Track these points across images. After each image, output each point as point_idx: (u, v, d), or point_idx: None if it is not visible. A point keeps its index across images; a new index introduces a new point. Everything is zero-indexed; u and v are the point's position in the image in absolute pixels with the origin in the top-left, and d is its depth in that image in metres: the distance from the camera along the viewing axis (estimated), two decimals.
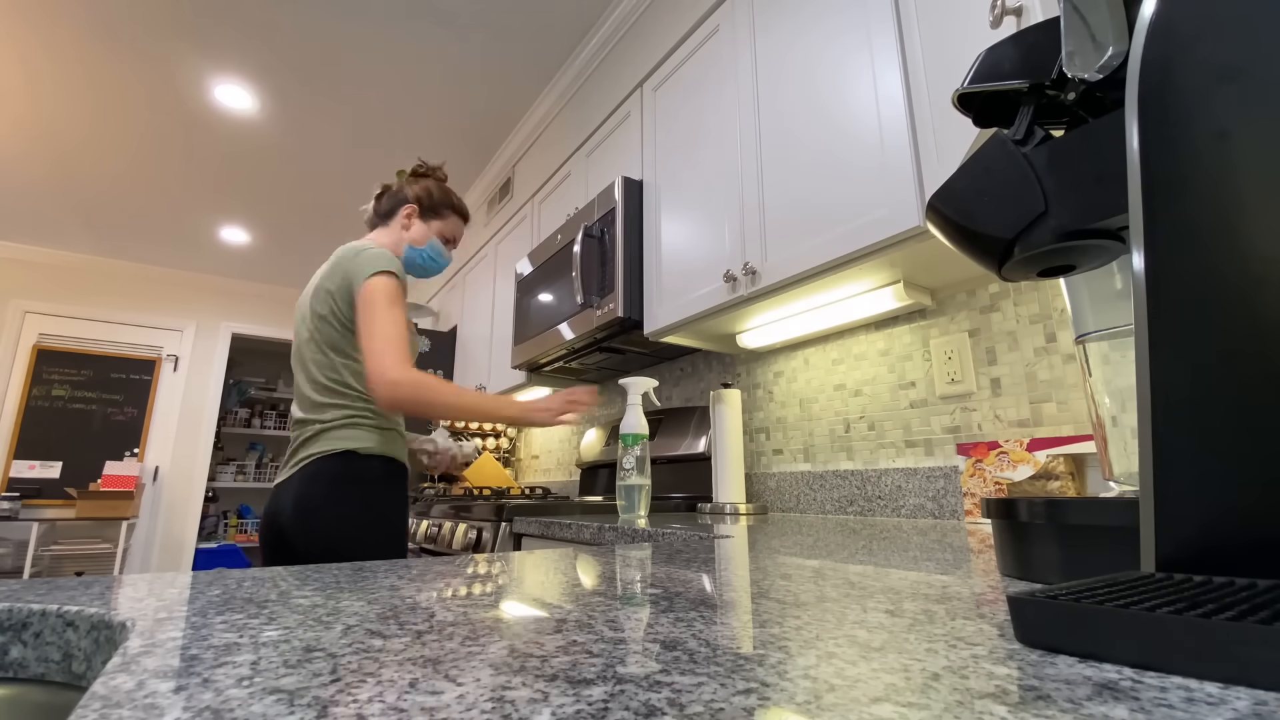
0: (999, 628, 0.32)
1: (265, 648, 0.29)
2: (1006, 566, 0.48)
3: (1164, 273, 0.31)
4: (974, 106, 0.50)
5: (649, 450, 1.37)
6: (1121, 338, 0.47)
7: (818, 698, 0.22)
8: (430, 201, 1.38)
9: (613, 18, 2.12)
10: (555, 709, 0.21)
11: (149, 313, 4.55)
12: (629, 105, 1.96)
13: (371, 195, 1.42)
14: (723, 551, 0.70)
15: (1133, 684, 0.22)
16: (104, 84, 2.54)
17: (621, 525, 1.10)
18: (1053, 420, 1.11)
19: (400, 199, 1.37)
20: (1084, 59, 0.41)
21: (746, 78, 1.45)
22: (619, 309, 1.68)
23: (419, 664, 0.26)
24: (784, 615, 0.36)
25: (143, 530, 4.25)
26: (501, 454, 3.10)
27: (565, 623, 0.34)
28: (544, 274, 2.13)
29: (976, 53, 0.53)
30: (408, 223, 1.36)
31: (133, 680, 0.24)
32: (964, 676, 0.24)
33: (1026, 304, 1.18)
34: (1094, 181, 0.40)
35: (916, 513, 1.29)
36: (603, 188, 1.94)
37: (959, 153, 0.95)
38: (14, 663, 0.38)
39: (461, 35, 2.28)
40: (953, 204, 0.47)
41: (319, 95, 2.61)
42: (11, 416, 4.00)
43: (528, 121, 2.74)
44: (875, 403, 1.43)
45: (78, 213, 3.71)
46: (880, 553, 0.67)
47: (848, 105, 1.18)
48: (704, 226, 1.53)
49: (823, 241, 1.18)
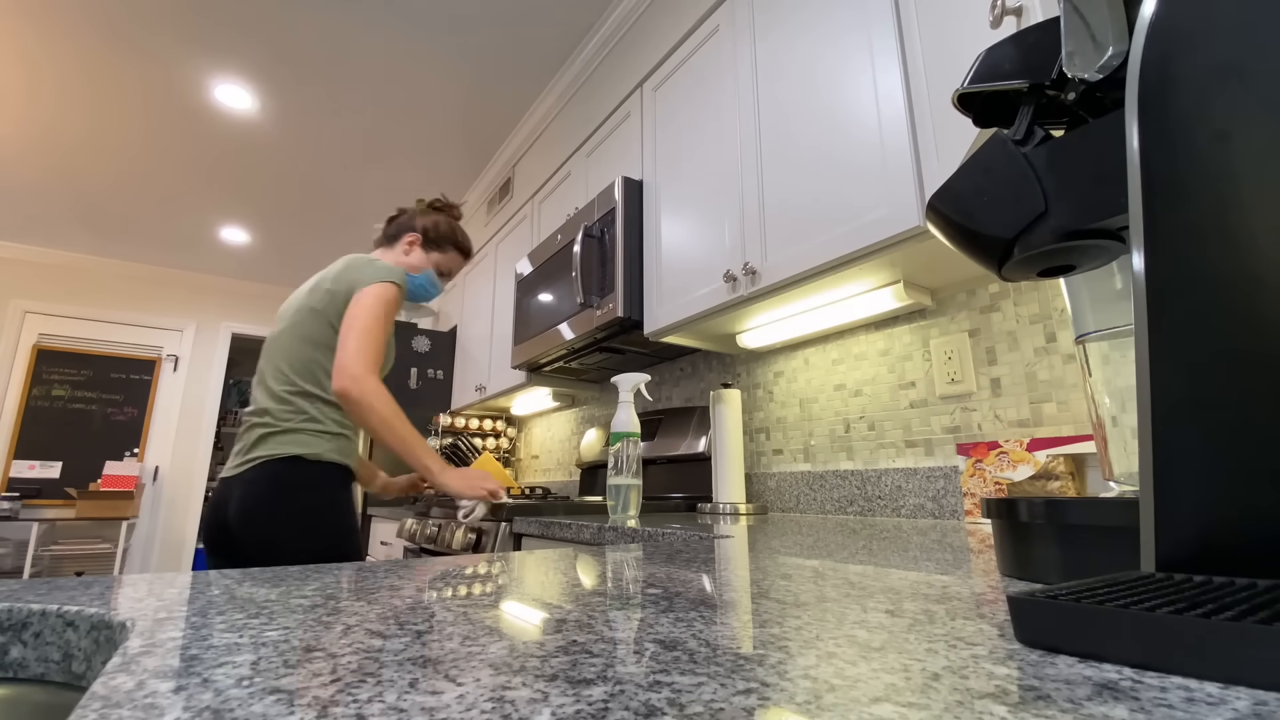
0: (999, 628, 0.32)
1: (265, 648, 0.29)
2: (1006, 566, 0.48)
3: (1164, 273, 0.31)
4: (974, 106, 0.50)
5: (640, 449, 1.36)
6: (1121, 338, 0.47)
7: (818, 698, 0.22)
8: (435, 234, 1.45)
9: (613, 18, 2.12)
10: (555, 709, 0.21)
11: (149, 313, 4.55)
12: (629, 105, 1.96)
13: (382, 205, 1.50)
14: (722, 551, 0.70)
15: (1133, 684, 0.22)
16: (104, 84, 2.54)
17: (613, 525, 1.10)
18: (1053, 420, 1.11)
19: (407, 226, 1.44)
20: (1084, 59, 0.41)
21: (746, 78, 1.45)
22: (619, 309, 1.68)
23: (419, 664, 0.26)
24: (784, 615, 0.36)
25: (143, 530, 4.25)
26: (501, 454, 3.10)
27: (565, 623, 0.34)
28: (544, 274, 2.13)
29: (976, 53, 0.53)
30: (409, 249, 1.43)
31: (133, 680, 0.24)
32: (964, 676, 0.24)
33: (1026, 304, 1.18)
34: (1094, 181, 0.40)
35: (916, 513, 1.28)
36: (603, 188, 1.94)
37: (959, 153, 0.95)
38: (14, 663, 0.38)
39: (462, 35, 2.28)
40: (953, 204, 0.47)
41: (319, 95, 2.61)
42: (11, 416, 4.00)
43: (528, 121, 2.74)
44: (875, 403, 1.43)
45: (77, 213, 3.71)
46: (880, 553, 0.67)
47: (848, 105, 1.18)
48: (704, 226, 1.53)
49: (823, 241, 1.18)
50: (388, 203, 3.55)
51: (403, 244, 1.42)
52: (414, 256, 1.42)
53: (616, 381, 1.40)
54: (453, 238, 1.47)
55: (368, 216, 3.74)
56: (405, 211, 1.47)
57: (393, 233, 1.44)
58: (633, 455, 1.33)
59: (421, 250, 1.43)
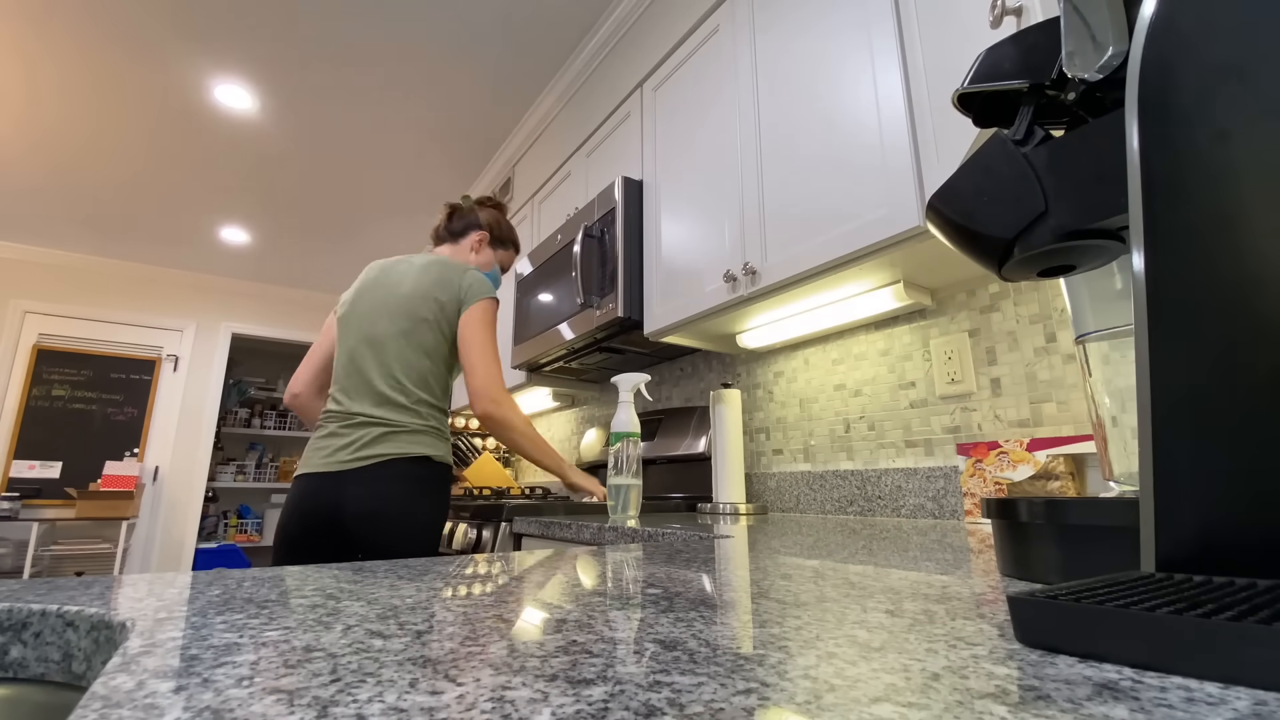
0: (999, 628, 0.32)
1: (265, 648, 0.29)
2: (1006, 566, 0.48)
3: (1164, 273, 0.31)
4: (974, 106, 0.50)
5: (640, 449, 1.36)
6: (1121, 338, 0.47)
7: (818, 698, 0.22)
8: (499, 232, 1.49)
9: (613, 18, 2.12)
10: (555, 709, 0.21)
11: (149, 313, 4.55)
12: (629, 105, 1.96)
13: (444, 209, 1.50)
14: (722, 551, 0.70)
15: (1133, 684, 0.22)
16: (105, 84, 2.54)
17: (613, 525, 1.10)
18: (1053, 420, 1.11)
19: (473, 223, 1.46)
20: (1084, 59, 0.41)
21: (746, 78, 1.45)
22: (619, 309, 1.68)
23: (419, 664, 0.26)
24: (784, 615, 0.36)
25: (143, 530, 4.25)
26: (501, 454, 3.10)
27: (565, 623, 0.34)
28: (544, 274, 2.13)
29: (976, 53, 0.53)
30: (478, 247, 1.45)
31: (133, 680, 0.24)
32: (964, 676, 0.24)
33: (1026, 304, 1.18)
34: (1094, 181, 0.40)
35: (916, 513, 1.28)
36: (603, 188, 1.94)
37: (959, 153, 0.95)
38: (14, 663, 0.38)
39: (462, 35, 2.28)
40: (953, 204, 0.47)
41: (319, 95, 2.61)
42: (11, 416, 4.00)
43: (528, 121, 2.74)
44: (875, 403, 1.43)
45: (78, 213, 3.71)
46: (880, 553, 0.67)
47: (848, 105, 1.18)
48: (704, 226, 1.53)
49: (823, 241, 1.18)
50: (388, 203, 3.56)
51: (471, 240, 1.44)
52: (484, 255, 1.45)
53: (616, 381, 1.40)
54: (512, 235, 1.53)
55: (368, 216, 3.74)
56: (460, 207, 1.47)
57: (457, 229, 1.45)
58: (633, 455, 1.33)
59: (489, 249, 1.47)
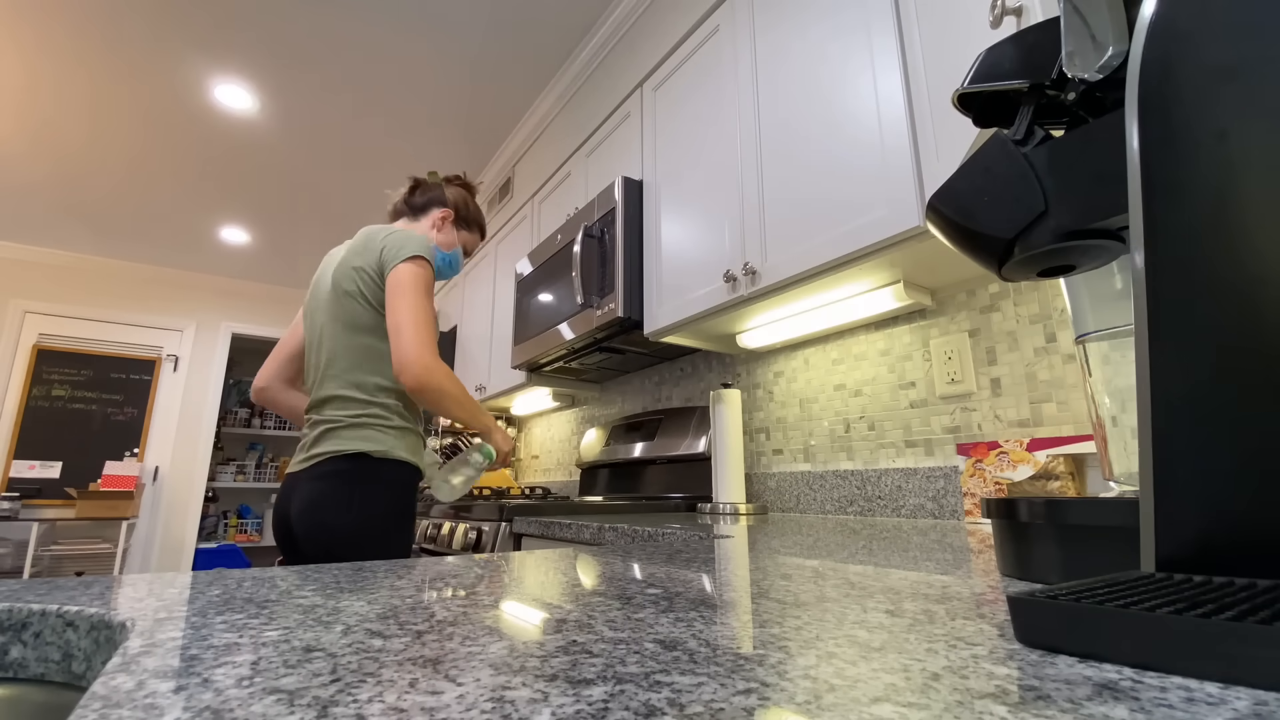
0: (999, 628, 0.32)
1: (265, 648, 0.29)
2: (1006, 566, 0.48)
3: (1164, 273, 0.31)
4: (974, 106, 0.49)
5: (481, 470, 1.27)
6: (1121, 338, 0.47)
7: (818, 698, 0.22)
8: (465, 213, 1.39)
9: (613, 18, 2.12)
10: (555, 709, 0.21)
11: (149, 313, 4.55)
12: (629, 105, 1.96)
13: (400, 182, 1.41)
14: (723, 551, 0.70)
15: (1133, 684, 0.22)
16: (104, 84, 2.54)
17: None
18: (1053, 420, 1.11)
19: (437, 198, 1.36)
20: (1084, 59, 0.41)
21: (746, 78, 1.45)
22: (619, 309, 1.68)
23: (419, 664, 0.26)
24: (784, 615, 0.36)
25: (143, 530, 4.25)
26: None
27: (565, 623, 0.34)
28: (544, 274, 2.13)
29: (976, 53, 0.53)
30: (440, 225, 1.35)
31: (133, 680, 0.24)
32: (964, 676, 0.24)
33: (1026, 304, 1.18)
34: (1094, 181, 0.40)
35: (916, 513, 1.28)
36: (603, 188, 1.94)
37: (959, 153, 0.95)
38: (14, 663, 0.38)
39: (462, 35, 2.28)
40: (953, 204, 0.47)
41: (319, 95, 2.61)
42: (11, 416, 4.00)
43: (528, 121, 2.74)
44: (875, 403, 1.43)
45: (78, 213, 3.71)
46: (880, 553, 0.67)
47: (848, 105, 1.18)
48: (704, 226, 1.53)
49: (823, 241, 1.18)
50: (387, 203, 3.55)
51: (433, 217, 1.34)
52: (446, 234, 1.35)
53: None
54: (479, 218, 1.42)
55: (367, 216, 3.74)
56: (424, 183, 1.37)
57: (419, 204, 1.35)
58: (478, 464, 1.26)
59: (453, 228, 1.37)
